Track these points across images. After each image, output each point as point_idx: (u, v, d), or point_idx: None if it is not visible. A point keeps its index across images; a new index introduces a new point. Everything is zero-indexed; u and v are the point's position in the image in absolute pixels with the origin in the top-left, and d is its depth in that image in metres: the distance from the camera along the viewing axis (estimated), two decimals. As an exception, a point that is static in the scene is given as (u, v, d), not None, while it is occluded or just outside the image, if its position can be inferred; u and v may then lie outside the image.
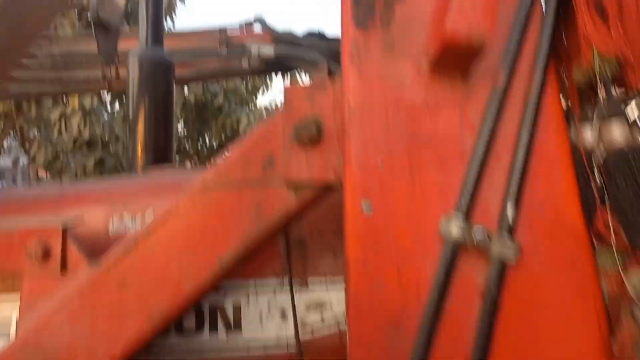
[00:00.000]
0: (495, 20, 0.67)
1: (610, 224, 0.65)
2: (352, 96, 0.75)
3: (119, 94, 4.99)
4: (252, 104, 6.70)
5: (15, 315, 1.00)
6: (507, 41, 0.72)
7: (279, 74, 2.41)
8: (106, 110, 5.32)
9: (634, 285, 0.65)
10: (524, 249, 0.69)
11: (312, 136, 0.80)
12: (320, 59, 1.55)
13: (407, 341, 0.70)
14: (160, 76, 1.73)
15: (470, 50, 0.64)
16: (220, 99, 6.03)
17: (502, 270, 0.69)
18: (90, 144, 4.80)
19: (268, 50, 1.68)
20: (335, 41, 1.79)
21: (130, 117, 1.73)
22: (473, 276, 0.70)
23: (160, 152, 1.72)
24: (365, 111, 0.74)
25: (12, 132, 5.13)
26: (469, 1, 0.64)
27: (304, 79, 1.87)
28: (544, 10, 0.73)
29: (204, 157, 6.66)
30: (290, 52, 1.62)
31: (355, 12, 0.75)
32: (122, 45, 1.77)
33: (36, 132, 5.24)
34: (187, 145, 6.72)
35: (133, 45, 1.80)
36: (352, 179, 0.74)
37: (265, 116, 6.31)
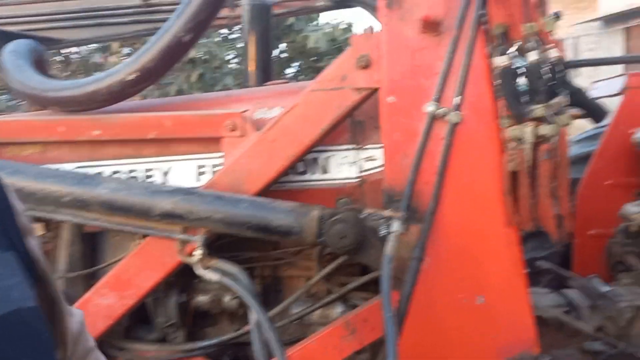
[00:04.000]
0: (449, 7, 1.40)
1: (502, 106, 1.41)
2: (385, 43, 1.51)
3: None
4: (318, 23, 7.40)
5: (210, 164, 1.87)
6: (458, 13, 1.45)
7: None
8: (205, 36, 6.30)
9: (512, 134, 1.41)
10: (463, 117, 1.46)
11: (365, 64, 1.57)
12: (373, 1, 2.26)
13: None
14: (263, 15, 2.50)
15: (434, 22, 1.38)
16: (291, 19, 6.77)
17: (453, 128, 1.47)
18: (192, 61, 5.82)
19: (337, -6, 2.42)
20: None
21: (244, 45, 2.54)
22: (440, 132, 1.49)
23: (265, 69, 2.53)
24: (391, 51, 1.51)
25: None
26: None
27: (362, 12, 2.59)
28: (477, -3, 1.45)
29: (277, 68, 7.56)
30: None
31: (386, 0, 1.50)
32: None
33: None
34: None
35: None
36: (386, 84, 1.52)
37: (328, 30, 7.05)
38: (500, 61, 1.42)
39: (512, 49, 1.39)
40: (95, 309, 1.80)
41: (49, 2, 2.67)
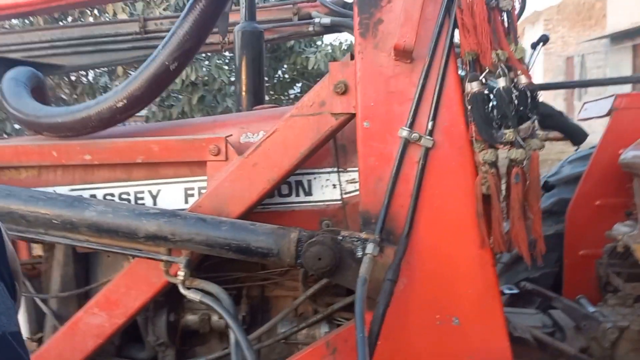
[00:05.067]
0: (420, 34, 1.46)
1: (474, 130, 1.45)
2: (360, 71, 1.57)
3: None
4: (319, 44, 7.55)
5: (197, 186, 1.93)
6: (430, 41, 1.50)
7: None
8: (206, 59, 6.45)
9: (484, 157, 1.45)
10: (436, 141, 1.50)
11: (343, 90, 1.62)
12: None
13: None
14: (254, 41, 2.57)
15: (407, 50, 1.44)
16: (291, 41, 6.92)
17: (427, 152, 1.51)
18: (194, 84, 5.97)
19: (326, 20, 2.48)
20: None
21: (236, 70, 2.61)
22: (413, 156, 1.53)
23: (257, 93, 2.59)
24: (366, 77, 1.56)
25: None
26: (407, 27, 1.43)
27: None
28: (450, 25, 1.50)
29: (279, 89, 7.69)
30: (341, 22, 2.42)
31: (360, 29, 1.56)
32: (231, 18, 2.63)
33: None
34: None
35: (236, 17, 2.65)
36: (361, 110, 1.57)
37: (329, 51, 7.17)
38: (471, 87, 1.46)
39: (483, 76, 1.43)
40: (85, 328, 1.84)
41: (49, 30, 2.77)
